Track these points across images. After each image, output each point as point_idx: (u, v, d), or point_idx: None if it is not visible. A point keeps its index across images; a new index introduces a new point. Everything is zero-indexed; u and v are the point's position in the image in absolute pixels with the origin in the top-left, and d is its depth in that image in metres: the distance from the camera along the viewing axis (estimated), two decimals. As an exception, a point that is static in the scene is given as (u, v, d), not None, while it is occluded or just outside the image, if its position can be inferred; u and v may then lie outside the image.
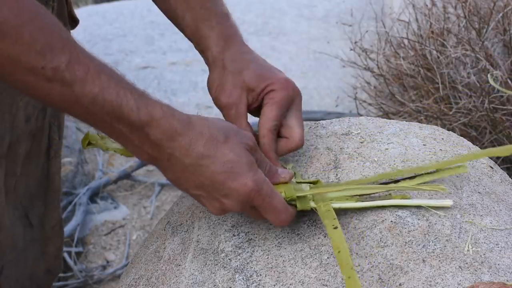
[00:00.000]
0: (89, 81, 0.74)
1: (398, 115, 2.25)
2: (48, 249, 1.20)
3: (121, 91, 0.77)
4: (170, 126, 0.79)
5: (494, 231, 0.87)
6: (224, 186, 0.81)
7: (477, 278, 0.80)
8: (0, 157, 1.00)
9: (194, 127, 0.81)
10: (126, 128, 0.77)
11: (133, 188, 2.71)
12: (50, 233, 1.20)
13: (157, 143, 0.79)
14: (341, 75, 3.30)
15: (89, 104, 0.75)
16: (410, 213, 0.88)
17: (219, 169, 0.80)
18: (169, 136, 0.79)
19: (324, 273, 0.84)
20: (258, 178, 0.82)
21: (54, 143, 1.15)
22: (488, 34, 2.09)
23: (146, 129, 0.78)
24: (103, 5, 4.88)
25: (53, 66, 0.72)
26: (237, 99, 0.95)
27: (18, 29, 0.71)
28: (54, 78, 0.73)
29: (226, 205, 0.83)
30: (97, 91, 0.75)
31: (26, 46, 0.71)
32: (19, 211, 1.10)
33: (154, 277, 0.94)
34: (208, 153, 0.80)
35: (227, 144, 0.82)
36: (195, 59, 3.62)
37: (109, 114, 0.76)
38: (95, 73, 0.75)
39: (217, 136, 0.81)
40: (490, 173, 0.99)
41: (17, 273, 1.11)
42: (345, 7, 4.12)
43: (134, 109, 0.77)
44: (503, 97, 1.97)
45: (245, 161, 0.82)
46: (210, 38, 0.98)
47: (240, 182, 0.81)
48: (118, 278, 2.26)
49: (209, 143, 0.81)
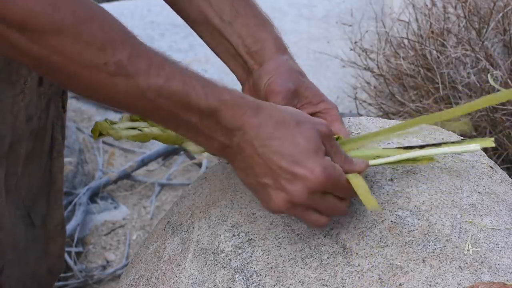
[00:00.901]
0: (153, 73, 0.74)
1: (398, 115, 2.25)
2: (51, 248, 1.20)
3: (187, 79, 0.76)
4: (239, 110, 0.78)
5: (494, 231, 0.87)
6: (290, 171, 0.79)
7: (477, 278, 0.80)
8: (1, 157, 1.00)
9: (263, 109, 0.80)
10: (196, 116, 0.77)
11: (133, 188, 2.71)
12: (53, 233, 1.20)
13: (227, 127, 0.78)
14: (341, 75, 3.30)
15: (156, 96, 0.74)
16: (410, 213, 0.88)
17: (286, 152, 0.79)
18: (239, 119, 0.78)
19: (324, 273, 0.84)
20: (326, 164, 0.80)
21: (57, 143, 1.15)
22: (488, 34, 2.09)
23: (216, 114, 0.77)
24: (103, 5, 4.87)
25: (115, 60, 0.72)
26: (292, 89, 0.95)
27: (77, 27, 0.71)
28: (118, 72, 0.73)
29: (292, 194, 0.80)
30: (163, 82, 0.74)
31: (86, 43, 0.71)
32: (21, 210, 1.10)
33: (154, 277, 0.94)
34: (277, 134, 0.79)
35: (298, 128, 0.80)
36: (195, 59, 3.61)
37: (176, 104, 0.76)
38: (159, 64, 0.75)
39: (288, 119, 0.81)
40: (490, 173, 0.99)
41: (18, 272, 1.11)
42: (345, 7, 4.11)
43: (202, 96, 0.76)
44: (503, 97, 1.96)
45: (313, 146, 0.80)
46: (267, 40, 0.98)
47: (307, 167, 0.79)
48: (118, 278, 2.26)
49: (279, 124, 0.80)
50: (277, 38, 0.99)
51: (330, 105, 0.98)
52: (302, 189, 0.80)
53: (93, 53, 0.71)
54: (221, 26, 0.99)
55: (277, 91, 0.94)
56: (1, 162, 1.01)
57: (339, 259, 0.86)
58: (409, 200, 0.91)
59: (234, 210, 0.95)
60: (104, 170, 2.74)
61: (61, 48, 0.71)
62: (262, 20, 1.00)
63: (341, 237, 0.88)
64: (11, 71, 0.95)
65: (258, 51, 0.98)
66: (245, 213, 0.94)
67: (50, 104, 1.09)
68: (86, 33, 0.71)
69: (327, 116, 0.96)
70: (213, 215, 0.96)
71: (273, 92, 0.94)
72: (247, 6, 1.00)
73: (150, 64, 0.74)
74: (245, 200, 0.95)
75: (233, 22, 0.99)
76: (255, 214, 0.94)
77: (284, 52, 0.99)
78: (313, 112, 0.97)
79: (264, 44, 0.98)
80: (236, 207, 0.95)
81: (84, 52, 0.71)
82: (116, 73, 0.73)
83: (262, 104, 0.81)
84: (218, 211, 0.96)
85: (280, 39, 1.00)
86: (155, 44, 3.94)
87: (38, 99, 1.05)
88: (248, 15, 0.99)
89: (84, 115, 3.07)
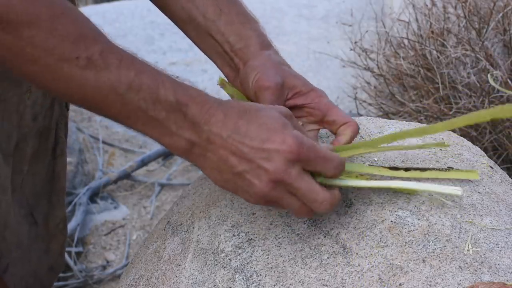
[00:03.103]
0: (123, 67, 0.75)
1: (398, 115, 2.25)
2: (52, 246, 1.21)
3: (157, 74, 0.77)
4: (206, 104, 0.79)
5: (494, 231, 0.87)
6: (263, 148, 0.79)
7: (477, 278, 0.81)
8: (8, 155, 1.01)
9: (226, 103, 0.81)
10: (164, 111, 0.77)
11: (133, 188, 2.71)
12: (54, 231, 1.20)
13: (195, 120, 0.78)
14: (341, 75, 3.30)
15: (125, 90, 0.75)
16: (410, 213, 0.89)
17: (254, 134, 0.79)
18: (205, 112, 0.79)
19: (324, 273, 0.84)
20: (295, 133, 0.80)
21: (60, 141, 1.15)
22: (488, 34, 2.09)
23: (183, 109, 0.78)
24: (103, 5, 4.88)
25: (87, 55, 0.74)
26: (280, 83, 0.95)
27: (52, 21, 0.73)
28: (88, 66, 0.74)
29: (271, 170, 0.79)
30: (133, 76, 0.75)
31: (60, 37, 0.73)
32: (25, 209, 1.11)
33: (154, 277, 0.94)
34: (242, 121, 0.79)
35: (260, 112, 0.81)
36: (195, 59, 3.62)
37: (145, 99, 0.76)
38: (129, 60, 0.76)
39: (250, 107, 0.82)
40: (490, 173, 0.99)
41: (22, 270, 1.11)
42: (345, 7, 4.12)
43: (171, 90, 0.77)
44: (503, 97, 1.97)
45: (280, 122, 0.80)
46: (251, 38, 0.98)
47: (278, 141, 0.79)
48: (118, 278, 2.26)
49: (242, 112, 0.80)
50: (260, 35, 1.00)
51: (320, 92, 0.97)
52: (279, 161, 0.79)
53: (66, 47, 0.73)
54: (205, 24, 1.00)
55: (266, 87, 0.94)
56: (8, 160, 1.01)
57: (339, 259, 0.86)
58: (409, 200, 0.91)
59: (234, 210, 0.95)
60: (104, 170, 2.74)
61: (36, 40, 0.72)
62: (245, 18, 1.00)
63: (341, 237, 0.88)
64: None
65: (242, 49, 0.98)
66: (245, 213, 0.94)
67: (55, 103, 1.10)
68: (60, 27, 0.73)
69: (321, 105, 0.96)
70: (213, 215, 0.96)
71: (262, 88, 0.94)
72: (230, 4, 1.00)
73: (121, 60, 0.76)
74: (245, 200, 0.95)
75: (216, 20, 0.99)
76: (255, 214, 0.94)
77: (268, 48, 0.99)
78: (304, 103, 0.97)
79: (248, 42, 0.98)
80: (236, 207, 0.96)
81: (58, 46, 0.73)
82: (87, 67, 0.74)
83: (222, 100, 0.82)
84: (218, 211, 0.96)
85: (264, 36, 1.00)
86: (155, 44, 3.94)
87: (43, 98, 1.06)
88: (232, 13, 0.99)
89: (84, 115, 3.07)
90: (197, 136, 0.79)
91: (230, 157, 0.80)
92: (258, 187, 0.80)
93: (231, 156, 0.80)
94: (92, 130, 2.95)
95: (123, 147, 2.90)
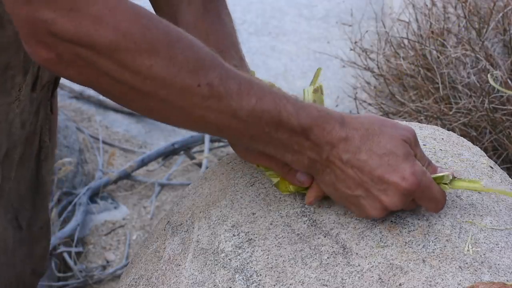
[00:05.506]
0: (244, 93, 0.73)
1: (398, 115, 2.25)
2: (35, 250, 1.19)
3: (276, 98, 0.76)
4: (328, 125, 0.79)
5: (494, 231, 0.87)
6: (382, 180, 0.80)
7: (477, 278, 0.80)
8: None
9: (348, 123, 0.80)
10: (286, 134, 0.77)
11: (133, 188, 2.71)
12: (37, 234, 1.19)
13: (317, 142, 0.78)
14: (341, 75, 3.30)
15: (248, 116, 0.74)
16: (410, 213, 0.88)
17: (376, 163, 0.79)
18: (327, 134, 0.79)
19: (324, 273, 0.84)
20: (416, 170, 0.80)
21: (44, 146, 1.13)
22: (488, 34, 2.09)
23: (307, 132, 0.78)
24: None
25: (207, 82, 0.70)
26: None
27: (171, 48, 0.69)
28: (211, 94, 0.71)
29: (386, 203, 0.81)
30: (254, 102, 0.74)
31: (180, 65, 0.69)
32: (10, 213, 1.10)
33: (154, 277, 0.94)
34: (365, 146, 0.79)
35: (383, 136, 0.80)
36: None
37: (268, 123, 0.76)
38: (247, 84, 0.74)
39: (373, 131, 0.81)
40: (490, 173, 0.99)
41: (6, 275, 1.10)
42: (345, 7, 4.11)
43: (293, 113, 0.77)
44: (503, 97, 1.97)
45: (402, 152, 0.80)
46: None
47: (398, 175, 0.79)
48: (118, 278, 2.26)
49: (365, 137, 0.80)
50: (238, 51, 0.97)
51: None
52: (396, 196, 0.80)
53: (187, 75, 0.69)
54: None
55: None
56: None
57: (339, 259, 0.86)
58: (409, 200, 0.91)
59: (234, 210, 0.95)
60: (104, 170, 2.74)
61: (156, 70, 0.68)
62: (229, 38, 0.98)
63: (341, 237, 0.88)
64: (6, 79, 0.94)
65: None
66: (245, 213, 0.94)
67: (40, 108, 1.08)
68: (179, 54, 0.69)
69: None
70: (213, 215, 0.96)
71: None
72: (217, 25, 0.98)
73: (240, 84, 0.73)
74: (245, 200, 0.95)
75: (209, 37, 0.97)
76: (255, 214, 0.94)
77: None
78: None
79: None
80: (236, 207, 0.95)
81: (178, 75, 0.69)
82: (209, 95, 0.71)
83: (345, 116, 0.81)
84: (218, 211, 0.96)
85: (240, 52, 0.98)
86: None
87: (31, 105, 1.04)
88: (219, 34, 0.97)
89: (84, 115, 3.07)
90: (318, 155, 0.80)
91: (348, 180, 0.81)
92: (371, 214, 0.83)
93: (348, 180, 0.81)
94: (92, 130, 2.95)
95: (123, 147, 2.90)
